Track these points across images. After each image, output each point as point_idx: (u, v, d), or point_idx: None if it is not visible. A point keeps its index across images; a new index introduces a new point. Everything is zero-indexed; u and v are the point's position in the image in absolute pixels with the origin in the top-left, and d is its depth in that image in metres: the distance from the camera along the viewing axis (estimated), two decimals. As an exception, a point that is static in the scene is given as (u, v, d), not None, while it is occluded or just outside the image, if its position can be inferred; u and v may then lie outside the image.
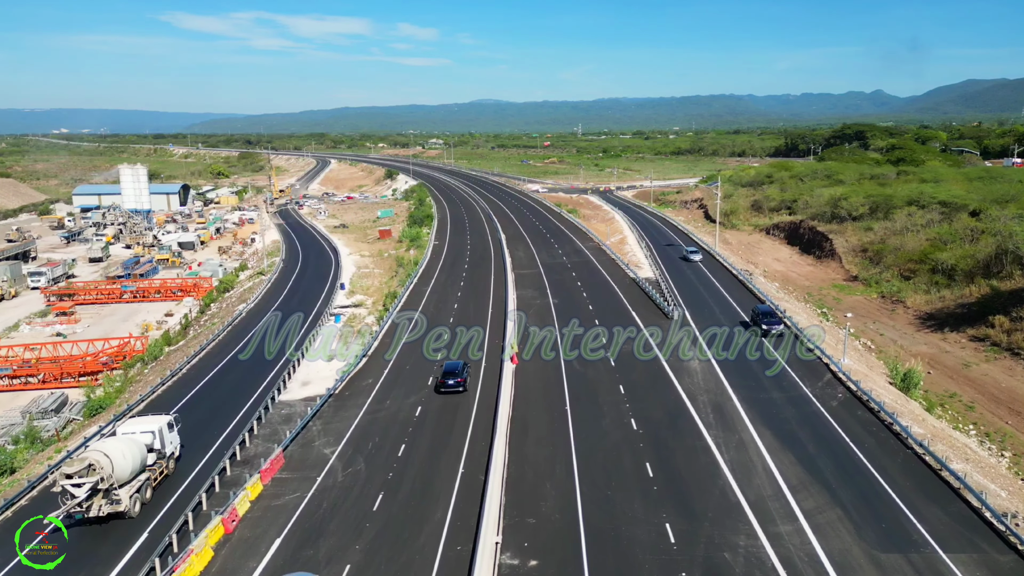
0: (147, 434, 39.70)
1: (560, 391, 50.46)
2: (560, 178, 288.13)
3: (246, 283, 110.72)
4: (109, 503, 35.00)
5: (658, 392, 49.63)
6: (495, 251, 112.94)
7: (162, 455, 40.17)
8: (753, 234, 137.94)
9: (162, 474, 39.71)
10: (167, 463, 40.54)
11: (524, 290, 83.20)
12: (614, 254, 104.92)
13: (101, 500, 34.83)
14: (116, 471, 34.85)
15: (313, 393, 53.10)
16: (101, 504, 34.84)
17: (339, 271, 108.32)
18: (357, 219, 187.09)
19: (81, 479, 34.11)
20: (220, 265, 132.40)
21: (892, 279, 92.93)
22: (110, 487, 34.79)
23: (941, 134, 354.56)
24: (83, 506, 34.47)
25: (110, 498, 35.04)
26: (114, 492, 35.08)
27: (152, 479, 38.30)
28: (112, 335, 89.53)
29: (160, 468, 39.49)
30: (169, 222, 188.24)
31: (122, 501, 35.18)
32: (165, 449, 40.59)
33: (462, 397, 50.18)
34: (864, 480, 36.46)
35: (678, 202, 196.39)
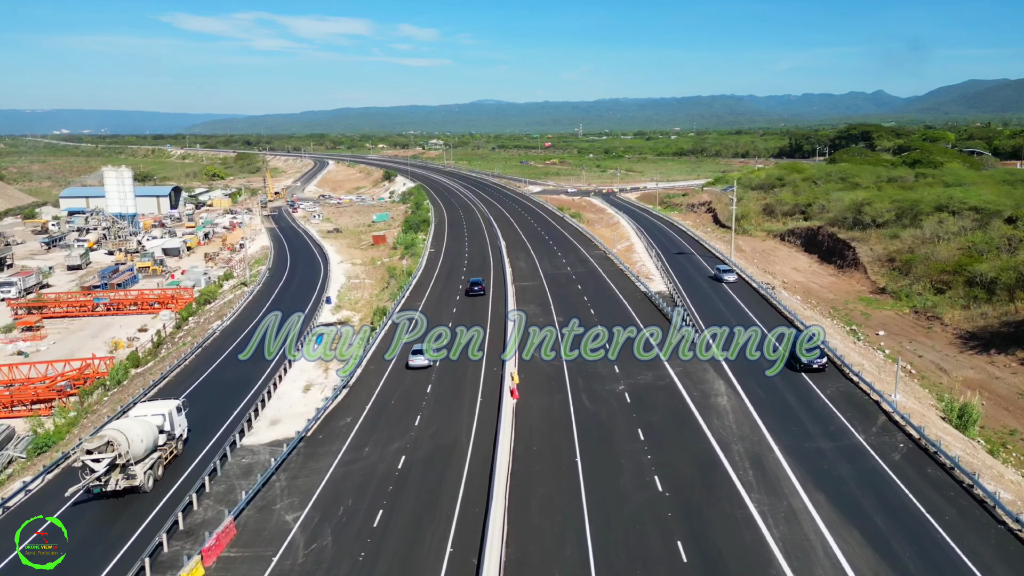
0: (158, 416, 42.16)
1: (568, 436, 43.11)
2: (561, 179, 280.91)
3: (228, 294, 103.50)
4: (125, 478, 37.81)
5: (684, 438, 42.25)
6: (494, 259, 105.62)
7: (172, 436, 42.66)
8: (767, 240, 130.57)
9: (172, 454, 42.47)
10: (176, 444, 43.24)
11: (526, 305, 75.70)
12: (622, 264, 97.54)
13: (118, 475, 37.58)
14: (132, 448, 37.57)
15: (281, 436, 45.78)
16: (118, 479, 37.59)
17: (327, 282, 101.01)
18: (352, 223, 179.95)
19: (100, 455, 36.80)
20: (204, 273, 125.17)
21: (924, 292, 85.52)
22: (126, 463, 37.61)
23: (949, 134, 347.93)
24: (102, 480, 37.18)
25: (127, 473, 37.82)
26: (130, 468, 37.90)
27: (163, 458, 41.15)
28: (79, 353, 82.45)
29: (170, 448, 42.30)
30: (156, 226, 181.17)
31: (137, 476, 38.06)
32: (174, 431, 43.10)
33: (453, 445, 42.88)
34: (954, 571, 29.09)
35: (684, 205, 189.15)
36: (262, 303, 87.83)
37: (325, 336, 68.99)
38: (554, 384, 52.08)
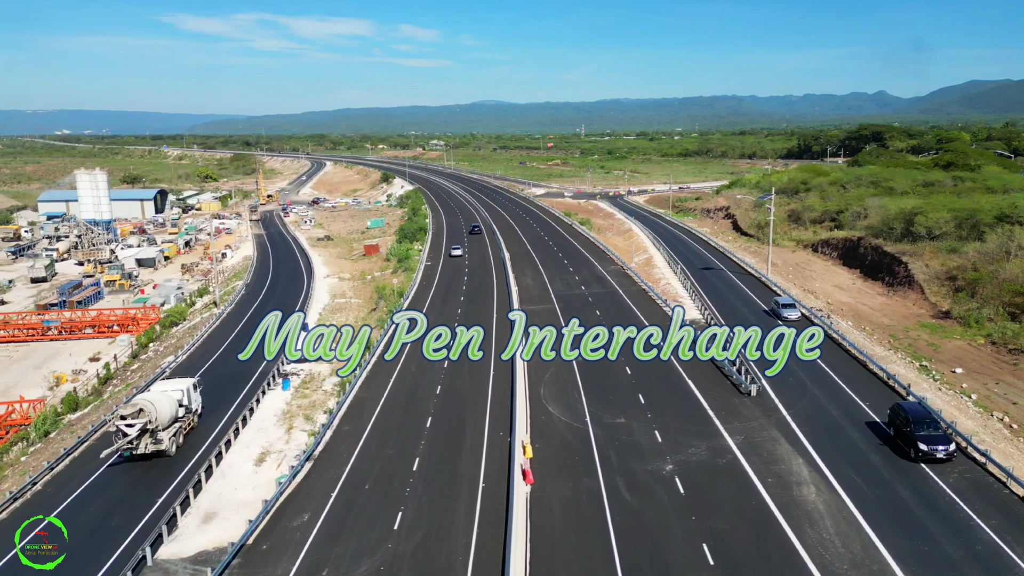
0: (177, 392, 45.90)
1: (604, 552, 31.07)
2: (565, 181, 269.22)
3: (198, 315, 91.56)
4: (153, 442, 42.22)
5: (769, 562, 30.07)
6: (497, 276, 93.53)
7: (189, 410, 46.64)
8: (797, 251, 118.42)
9: (190, 426, 46.37)
10: (193, 417, 47.20)
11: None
12: (644, 283, 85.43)
13: (147, 439, 42.06)
14: (159, 416, 42.32)
15: (214, 543, 33.66)
16: (147, 443, 42.06)
17: (308, 302, 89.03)
18: (345, 229, 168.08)
19: (134, 420, 41.55)
20: (178, 288, 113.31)
21: (996, 318, 73.36)
22: (155, 429, 42.20)
23: (964, 135, 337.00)
24: (133, 444, 41.62)
25: (155, 438, 42.26)
26: (158, 433, 42.42)
27: (183, 428, 45.15)
28: (16, 389, 70.80)
29: (188, 421, 46.16)
30: (135, 233, 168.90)
31: (163, 442, 42.47)
32: (192, 405, 47.22)
33: (445, 569, 30.75)
34: None
35: (699, 210, 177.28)
36: (229, 330, 75.68)
37: (294, 380, 57.04)
38: (579, 460, 39.98)
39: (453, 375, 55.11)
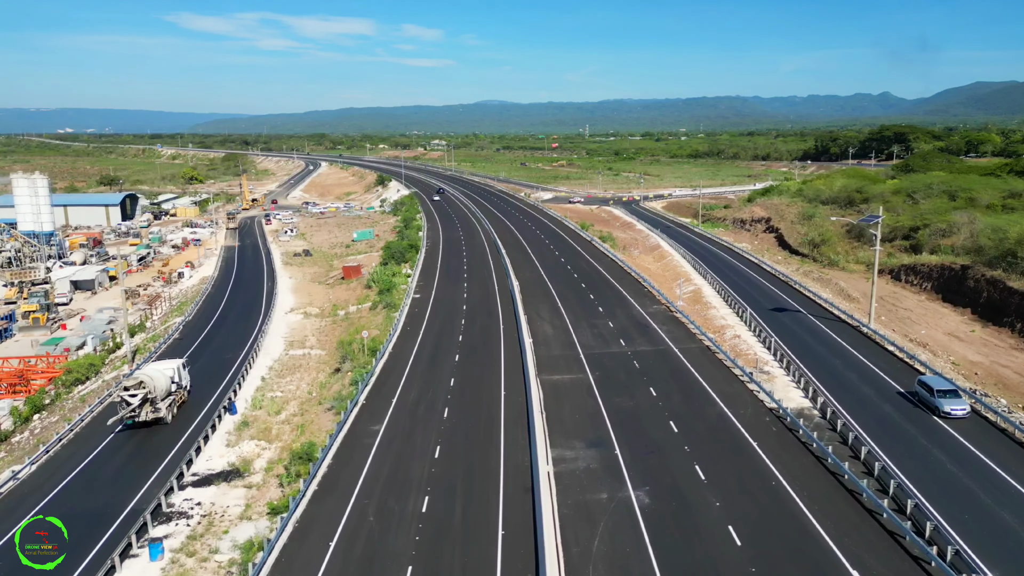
0: (170, 369, 52.54)
1: None
2: (572, 184, 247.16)
3: (112, 369, 69.70)
4: (153, 411, 49.35)
5: None
6: (505, 322, 70.96)
7: (180, 386, 53.49)
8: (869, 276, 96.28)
9: (181, 400, 53.40)
10: (183, 392, 54.10)
11: (565, 451, 41.52)
12: (704, 334, 62.80)
13: (148, 408, 49.19)
14: (157, 387, 49.48)
15: None
16: (148, 411, 49.21)
17: (255, 353, 67.19)
18: (328, 241, 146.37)
19: (136, 391, 48.43)
20: (110, 322, 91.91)
21: None
22: (154, 399, 49.22)
23: (994, 137, 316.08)
24: (135, 412, 48.64)
25: (155, 407, 49.37)
26: (157, 403, 49.47)
27: (176, 401, 52.17)
28: None
29: (180, 395, 53.13)
30: (85, 246, 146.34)
31: (161, 410, 49.58)
32: (182, 382, 54.21)
33: None
34: None
35: (730, 220, 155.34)
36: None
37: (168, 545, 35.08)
38: None
39: (439, 498, 32.92)
